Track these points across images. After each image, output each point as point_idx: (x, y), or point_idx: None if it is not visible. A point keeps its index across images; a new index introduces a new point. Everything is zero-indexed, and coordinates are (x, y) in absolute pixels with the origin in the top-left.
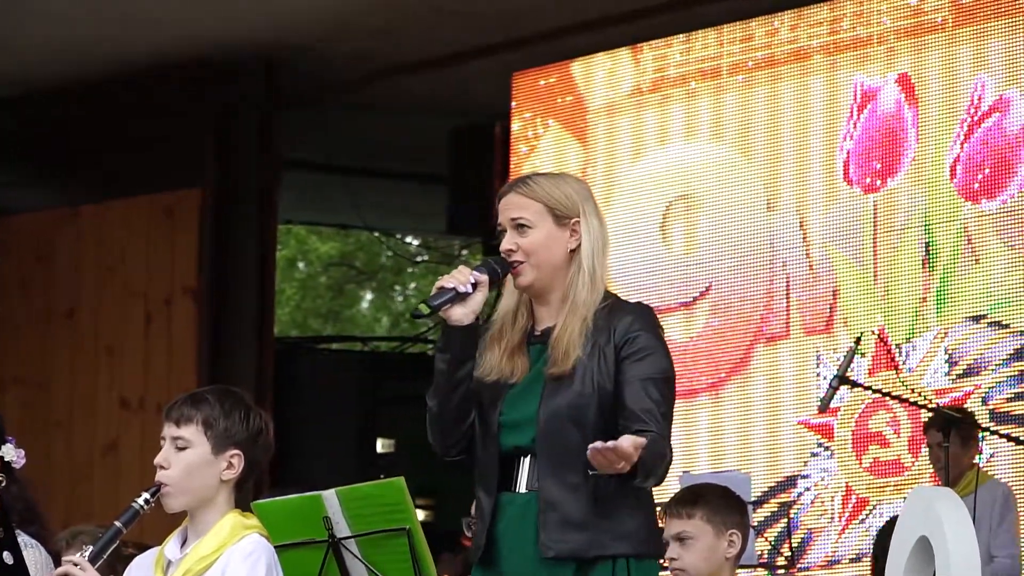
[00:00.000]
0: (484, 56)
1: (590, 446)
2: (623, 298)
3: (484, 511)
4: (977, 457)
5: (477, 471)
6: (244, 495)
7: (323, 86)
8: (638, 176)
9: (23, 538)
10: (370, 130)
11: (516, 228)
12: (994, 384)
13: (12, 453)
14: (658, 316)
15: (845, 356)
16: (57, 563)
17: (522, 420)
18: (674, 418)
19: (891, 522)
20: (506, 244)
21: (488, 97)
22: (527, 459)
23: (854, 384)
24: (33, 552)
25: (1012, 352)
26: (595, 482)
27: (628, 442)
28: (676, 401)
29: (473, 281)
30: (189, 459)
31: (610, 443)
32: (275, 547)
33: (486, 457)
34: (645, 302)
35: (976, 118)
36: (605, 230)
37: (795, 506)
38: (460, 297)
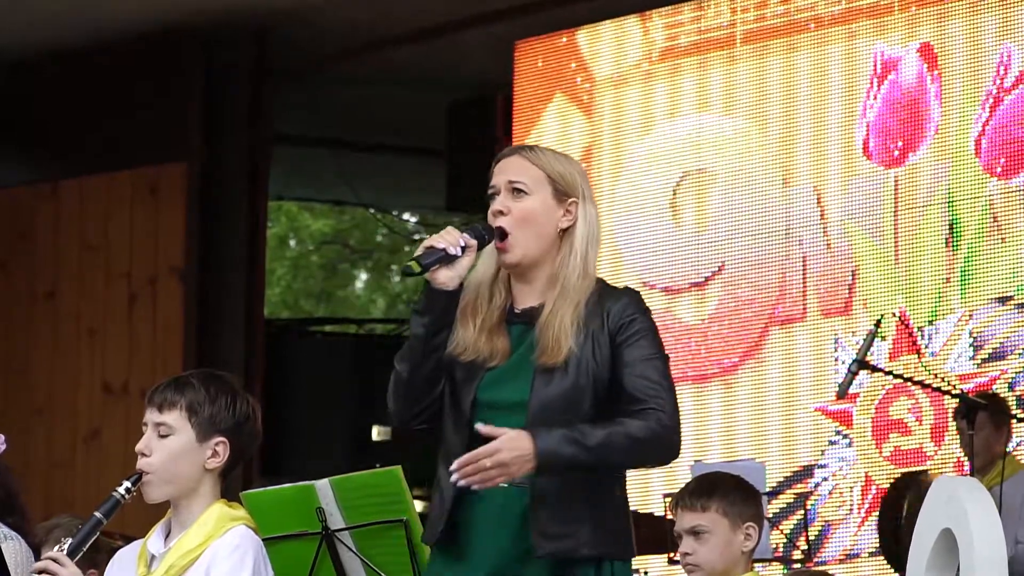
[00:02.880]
0: (484, 24)
1: (455, 468)
2: (610, 283)
3: (445, 495)
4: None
5: (443, 450)
6: (230, 485)
7: (316, 56)
8: (647, 150)
9: (2, 529)
10: (365, 102)
11: (512, 191)
12: (1021, 368)
13: None
14: (667, 297)
15: (864, 339)
16: (38, 556)
17: (503, 405)
18: (680, 403)
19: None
20: (497, 205)
21: (489, 68)
22: None
23: (874, 369)
24: (13, 544)
25: None
26: (586, 478)
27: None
28: (687, 387)
29: (463, 244)
30: (172, 446)
31: (465, 456)
32: (266, 540)
33: (456, 439)
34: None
35: (1002, 89)
36: (600, 222)
37: (812, 497)
38: (448, 259)
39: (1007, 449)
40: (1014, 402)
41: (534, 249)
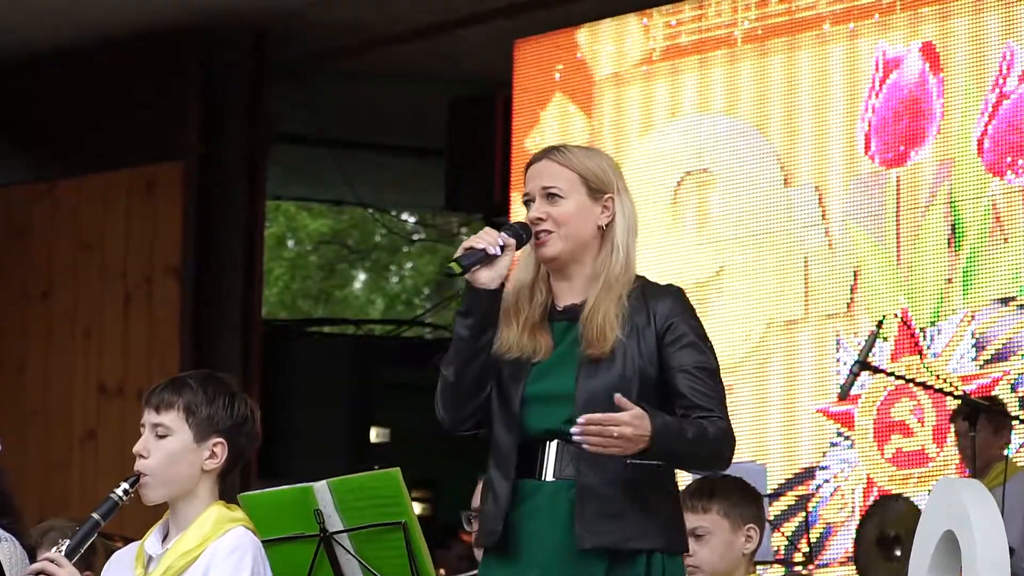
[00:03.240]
0: (484, 23)
1: (580, 419)
2: (651, 279)
3: (499, 495)
4: (1007, 448)
5: (493, 452)
6: (228, 486)
7: (315, 54)
8: (647, 150)
9: None
10: (364, 101)
11: (547, 197)
12: None
13: None
14: None
15: (866, 340)
16: (32, 558)
17: (551, 397)
18: None
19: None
20: (535, 212)
21: (489, 67)
22: (554, 444)
23: (876, 370)
24: (7, 546)
25: None
26: (633, 471)
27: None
28: None
29: (502, 244)
30: (170, 448)
31: (600, 415)
32: (263, 542)
33: (506, 438)
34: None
35: (1005, 89)
36: (636, 212)
37: (813, 499)
38: (488, 259)
39: (1006, 454)
40: (1016, 404)
41: (575, 244)
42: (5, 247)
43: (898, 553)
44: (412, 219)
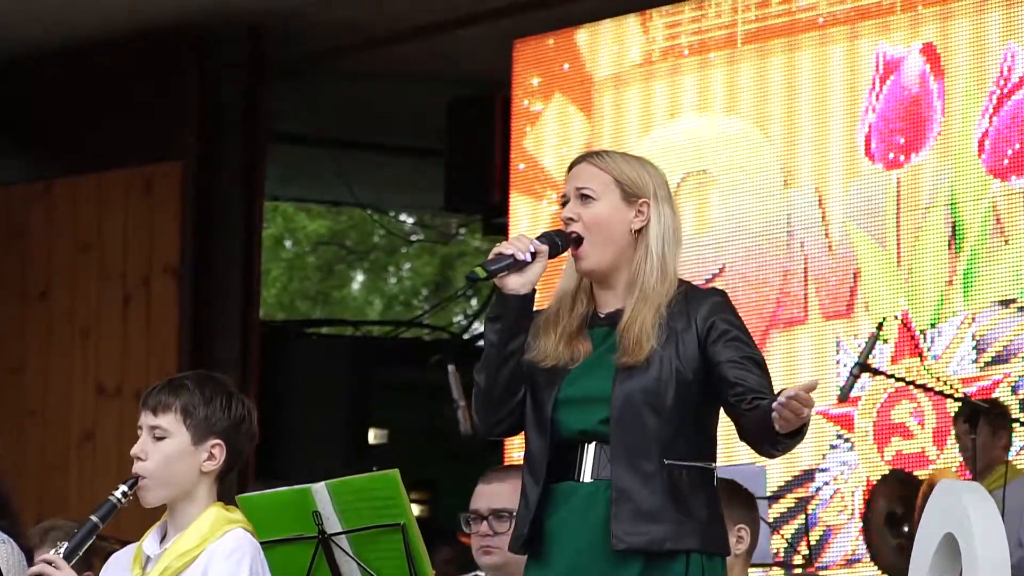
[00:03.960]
0: (483, 22)
1: (782, 397)
2: (696, 285)
3: (529, 500)
4: (1008, 451)
5: (526, 457)
6: (226, 487)
7: (314, 54)
8: (647, 151)
9: None
10: (362, 101)
11: (580, 198)
12: None
13: None
14: None
15: (866, 342)
16: (30, 560)
17: (585, 399)
18: None
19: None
20: (568, 212)
21: (488, 67)
22: (591, 446)
23: (876, 372)
24: (5, 548)
25: None
26: (669, 472)
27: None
28: None
29: (533, 250)
30: (167, 449)
31: (791, 391)
32: (262, 543)
33: (538, 443)
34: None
35: (1006, 90)
36: (679, 223)
37: (813, 501)
38: (518, 265)
39: (1008, 457)
40: (1017, 406)
41: (609, 254)
42: (3, 247)
43: (906, 529)
44: (411, 220)
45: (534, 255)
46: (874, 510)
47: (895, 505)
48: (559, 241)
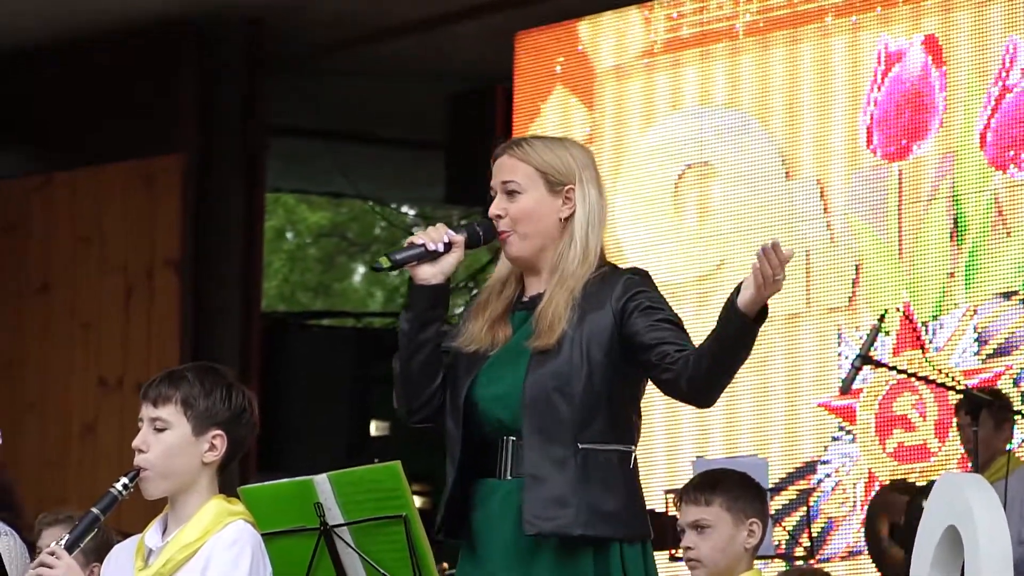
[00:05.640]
0: (484, 15)
1: (762, 248)
2: (619, 265)
3: (448, 485)
4: (1009, 442)
5: (447, 444)
6: (229, 479)
7: (313, 47)
8: (649, 143)
9: None
10: (363, 94)
11: (506, 193)
12: None
13: None
14: (669, 291)
15: (868, 334)
16: (32, 552)
17: (504, 394)
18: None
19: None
20: (494, 209)
21: (489, 59)
22: (511, 441)
23: (878, 364)
24: (7, 540)
25: None
26: (584, 456)
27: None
28: None
29: (447, 240)
30: (168, 441)
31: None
32: (263, 535)
33: (454, 430)
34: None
35: (1008, 82)
36: (604, 201)
37: (815, 493)
38: (430, 255)
39: (1008, 448)
40: (1019, 398)
41: (536, 243)
42: (2, 241)
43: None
44: (412, 212)
45: (449, 245)
46: (875, 531)
47: (896, 517)
48: (480, 232)
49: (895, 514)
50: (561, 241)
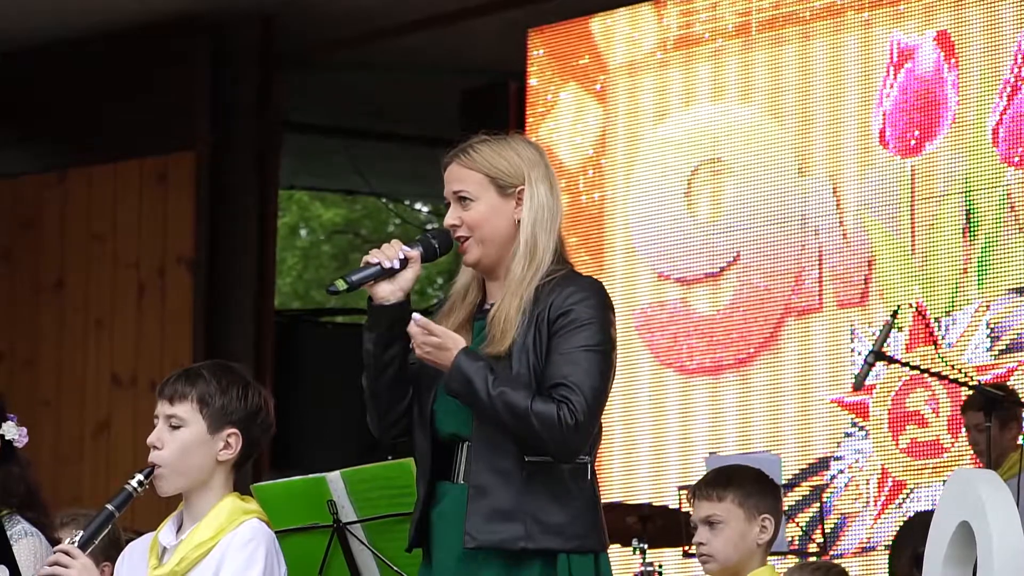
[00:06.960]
0: (497, 11)
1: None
2: (578, 272)
3: (419, 497)
4: (1020, 439)
5: (416, 457)
6: (242, 477)
7: (327, 43)
8: (661, 139)
9: (23, 525)
10: (376, 90)
11: (459, 201)
12: None
13: (14, 431)
14: (682, 288)
15: (881, 330)
16: None
17: (458, 406)
18: (694, 395)
19: (915, 519)
20: (449, 219)
21: (502, 56)
22: (466, 446)
23: (890, 360)
24: (33, 540)
25: None
26: (531, 469)
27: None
28: (702, 378)
29: (402, 256)
30: (184, 439)
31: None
32: (277, 533)
33: (421, 440)
34: (597, 279)
35: (1020, 78)
36: (555, 199)
37: (828, 490)
38: (387, 273)
39: (1020, 443)
40: None
41: (493, 247)
42: (16, 238)
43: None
44: (426, 209)
45: (404, 261)
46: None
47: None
48: (435, 243)
49: (921, 544)
50: (514, 244)
